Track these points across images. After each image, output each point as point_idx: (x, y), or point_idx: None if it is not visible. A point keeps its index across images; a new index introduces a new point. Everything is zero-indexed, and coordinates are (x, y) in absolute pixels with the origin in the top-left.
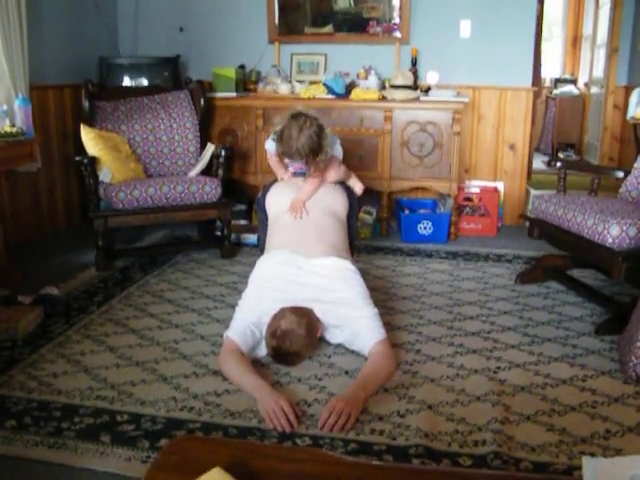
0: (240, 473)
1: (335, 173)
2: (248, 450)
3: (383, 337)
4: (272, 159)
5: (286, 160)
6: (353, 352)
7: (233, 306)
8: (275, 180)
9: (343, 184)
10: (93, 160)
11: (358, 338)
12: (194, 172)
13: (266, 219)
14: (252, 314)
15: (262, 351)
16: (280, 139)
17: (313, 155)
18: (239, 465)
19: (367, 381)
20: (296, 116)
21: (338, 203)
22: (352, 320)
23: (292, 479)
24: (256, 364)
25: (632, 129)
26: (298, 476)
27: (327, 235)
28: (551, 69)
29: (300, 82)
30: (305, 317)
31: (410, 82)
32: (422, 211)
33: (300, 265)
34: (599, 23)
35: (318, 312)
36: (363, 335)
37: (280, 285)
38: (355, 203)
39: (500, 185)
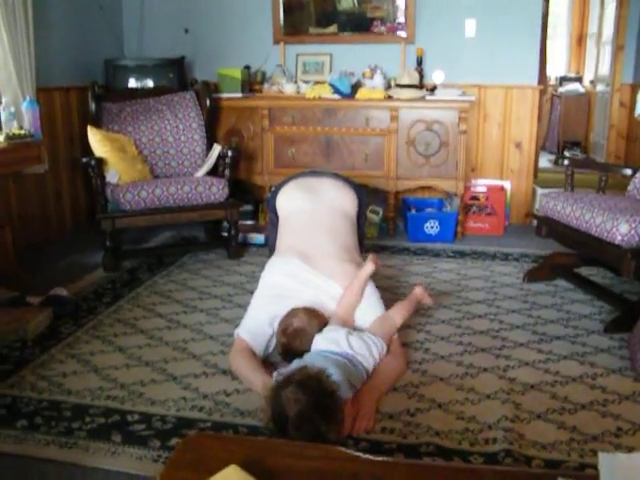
0: (256, 470)
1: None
2: (263, 448)
3: (394, 337)
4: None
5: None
6: None
7: (241, 306)
8: (285, 180)
9: (352, 183)
10: (100, 161)
11: None
12: (201, 173)
13: (276, 219)
14: (263, 313)
15: (272, 348)
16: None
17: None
18: (254, 462)
19: (378, 382)
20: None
21: (348, 202)
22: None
23: (308, 476)
24: (265, 363)
25: (639, 127)
26: (314, 473)
27: (338, 235)
28: (556, 67)
29: (305, 82)
30: (317, 318)
31: (416, 81)
32: (429, 210)
33: (309, 279)
34: (604, 21)
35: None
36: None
37: (290, 288)
38: (364, 201)
39: (507, 184)
